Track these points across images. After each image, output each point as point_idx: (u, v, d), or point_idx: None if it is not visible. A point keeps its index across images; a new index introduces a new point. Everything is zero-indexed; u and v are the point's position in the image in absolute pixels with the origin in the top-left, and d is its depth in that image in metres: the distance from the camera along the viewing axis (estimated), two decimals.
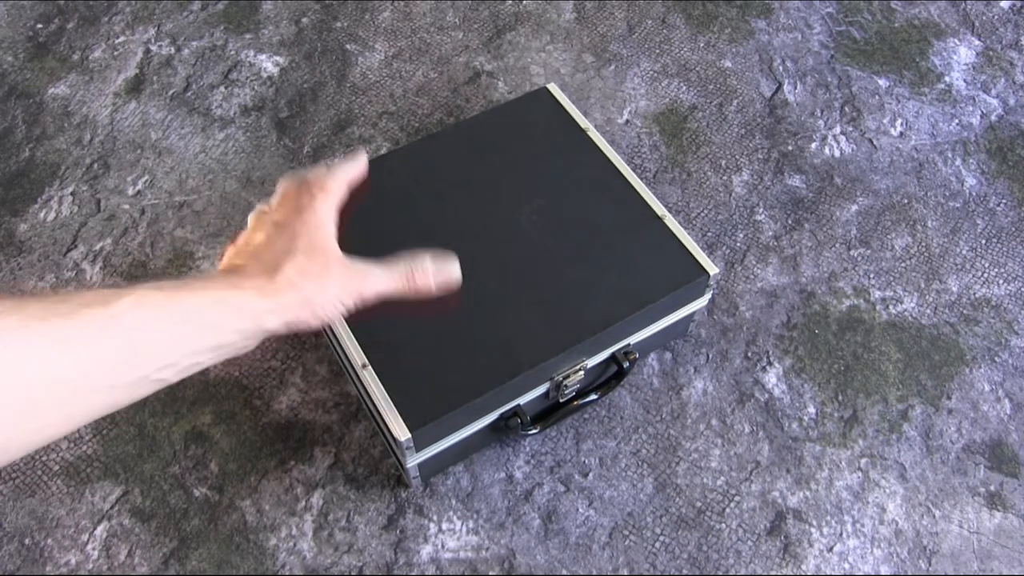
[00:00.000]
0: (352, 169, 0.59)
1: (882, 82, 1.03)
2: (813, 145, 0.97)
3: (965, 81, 1.03)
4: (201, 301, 0.45)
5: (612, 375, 0.75)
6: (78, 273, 0.85)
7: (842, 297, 0.85)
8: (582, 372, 0.70)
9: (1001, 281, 0.87)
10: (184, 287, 0.45)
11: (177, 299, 0.43)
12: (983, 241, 0.90)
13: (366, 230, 0.64)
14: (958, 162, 0.96)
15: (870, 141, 0.98)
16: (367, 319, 0.57)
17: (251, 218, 0.56)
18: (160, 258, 0.86)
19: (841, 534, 0.72)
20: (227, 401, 0.77)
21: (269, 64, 1.03)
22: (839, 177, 0.94)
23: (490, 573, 0.69)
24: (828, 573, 0.70)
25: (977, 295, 0.86)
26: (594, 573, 0.69)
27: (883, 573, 0.70)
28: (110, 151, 0.95)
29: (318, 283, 0.49)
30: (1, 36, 1.06)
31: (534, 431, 0.71)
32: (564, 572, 0.69)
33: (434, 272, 0.54)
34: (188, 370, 0.44)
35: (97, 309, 0.40)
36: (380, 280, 0.52)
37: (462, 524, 0.71)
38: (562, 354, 0.66)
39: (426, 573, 0.69)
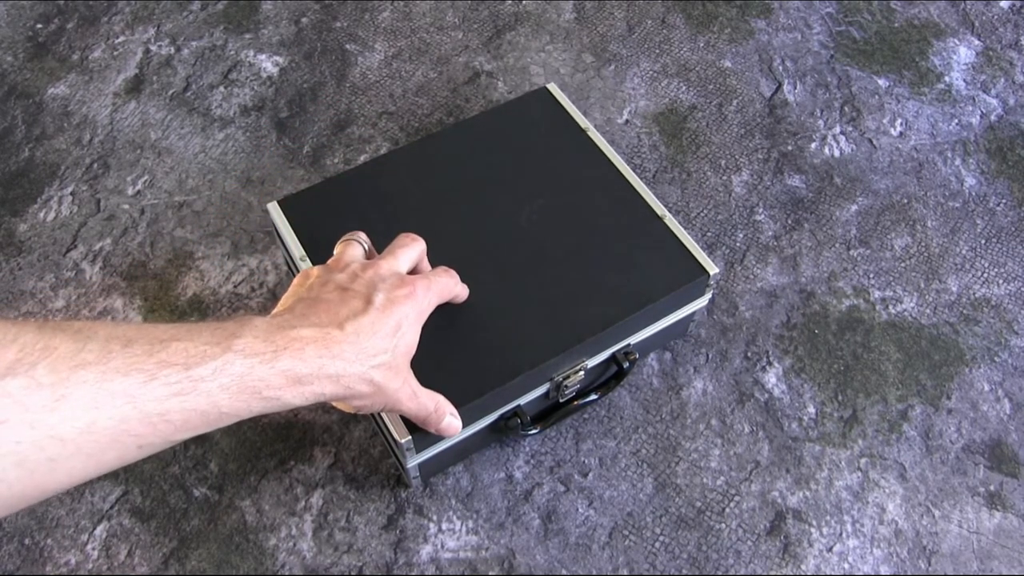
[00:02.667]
0: (459, 294, 0.65)
1: (882, 82, 1.03)
2: (813, 145, 0.97)
3: (965, 81, 1.03)
4: (283, 381, 0.44)
5: (612, 375, 0.75)
6: (78, 273, 0.85)
7: (842, 297, 0.85)
8: (582, 372, 0.70)
9: (1001, 281, 0.87)
10: (272, 357, 0.43)
11: (257, 374, 0.43)
12: (983, 241, 0.90)
13: (365, 231, 0.64)
14: (958, 162, 0.96)
15: (870, 141, 0.98)
16: None
17: (350, 250, 0.60)
18: (160, 258, 0.86)
19: (841, 534, 0.72)
20: None
21: (269, 64, 1.03)
22: (839, 177, 0.94)
23: (490, 573, 0.69)
24: (828, 573, 0.70)
25: (977, 295, 0.86)
26: (594, 573, 0.69)
27: (883, 573, 0.70)
28: (110, 151, 0.95)
29: (382, 396, 0.52)
30: (1, 36, 1.06)
31: (534, 431, 0.71)
32: (564, 572, 0.69)
33: (451, 425, 0.60)
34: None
35: (178, 372, 0.39)
36: (412, 407, 0.56)
37: (462, 524, 0.71)
38: (562, 354, 0.66)
39: (426, 573, 0.69)
